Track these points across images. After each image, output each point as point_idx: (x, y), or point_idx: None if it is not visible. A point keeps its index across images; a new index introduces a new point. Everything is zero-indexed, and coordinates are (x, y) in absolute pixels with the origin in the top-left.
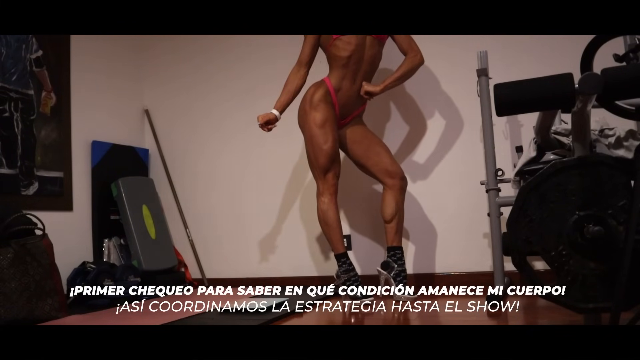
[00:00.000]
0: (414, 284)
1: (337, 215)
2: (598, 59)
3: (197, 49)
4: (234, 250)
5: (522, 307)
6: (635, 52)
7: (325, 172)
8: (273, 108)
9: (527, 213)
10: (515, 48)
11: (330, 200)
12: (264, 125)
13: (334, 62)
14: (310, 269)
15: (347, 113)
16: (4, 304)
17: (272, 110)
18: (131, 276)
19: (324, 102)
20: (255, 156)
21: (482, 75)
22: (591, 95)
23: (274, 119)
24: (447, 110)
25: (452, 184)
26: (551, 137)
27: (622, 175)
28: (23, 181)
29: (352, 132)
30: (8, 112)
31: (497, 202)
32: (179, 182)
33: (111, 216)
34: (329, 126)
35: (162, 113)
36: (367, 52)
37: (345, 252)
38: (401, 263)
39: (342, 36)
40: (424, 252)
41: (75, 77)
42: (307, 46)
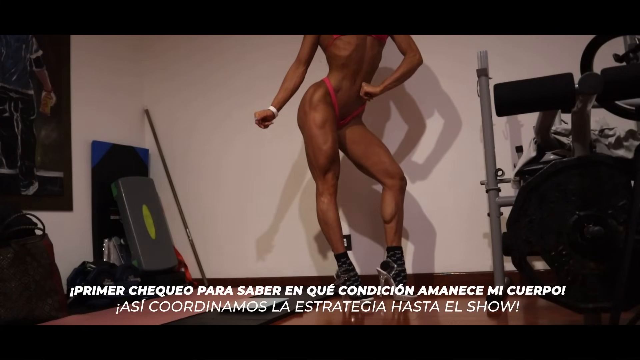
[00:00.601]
0: (414, 284)
1: (337, 215)
2: (598, 59)
3: (197, 49)
4: (234, 250)
5: (522, 307)
6: (635, 52)
7: (324, 172)
8: (270, 105)
9: (527, 213)
10: (515, 48)
11: (330, 200)
12: (260, 122)
13: (334, 62)
14: (310, 269)
15: (347, 113)
16: (4, 304)
17: (269, 107)
18: (131, 276)
19: (323, 102)
20: (256, 156)
21: (482, 75)
22: (591, 95)
23: (271, 115)
24: (447, 110)
25: (452, 184)
26: (551, 137)
27: (622, 175)
28: (23, 181)
29: (351, 133)
30: (8, 112)
31: (497, 202)
32: (179, 182)
33: (111, 216)
34: (329, 126)
35: (162, 113)
36: (367, 52)
37: (345, 252)
38: (401, 263)
39: (342, 36)
40: (424, 252)
41: (75, 77)
42: (307, 44)
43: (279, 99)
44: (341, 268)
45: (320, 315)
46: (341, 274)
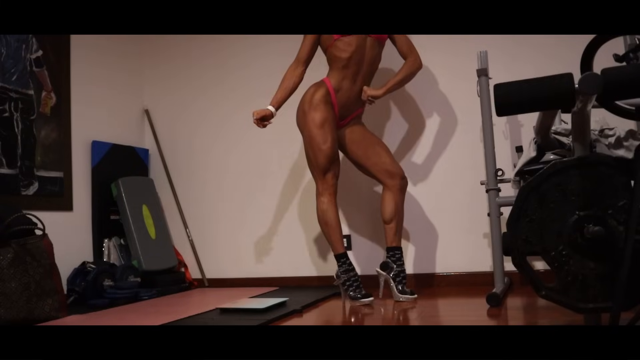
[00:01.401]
0: (414, 285)
1: (337, 216)
2: (598, 59)
3: (197, 49)
4: (234, 250)
5: (522, 307)
6: (635, 52)
7: (324, 172)
8: (269, 104)
9: (527, 213)
10: (516, 48)
11: (330, 200)
12: (259, 122)
13: (334, 63)
14: (310, 269)
15: (347, 114)
16: (4, 304)
17: (267, 107)
18: (131, 276)
19: (323, 102)
20: (256, 156)
21: (482, 75)
22: (591, 95)
23: (270, 115)
24: (447, 110)
25: (452, 184)
26: (551, 137)
27: (622, 175)
28: (23, 181)
29: (351, 133)
30: (8, 112)
31: (497, 202)
32: (179, 182)
33: (111, 216)
34: (328, 126)
35: (162, 113)
36: (367, 53)
37: (344, 253)
38: (400, 263)
39: (342, 37)
40: (424, 253)
41: (75, 77)
42: (306, 45)
43: (277, 99)
44: (341, 268)
45: (320, 315)
46: (341, 274)
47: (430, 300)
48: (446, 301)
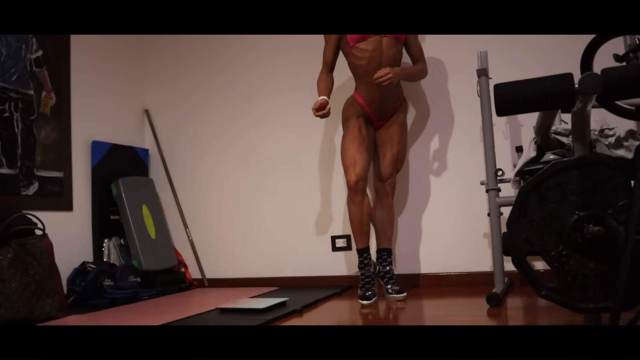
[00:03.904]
0: (413, 285)
1: (359, 213)
2: (598, 59)
3: (197, 49)
4: (234, 250)
5: (522, 307)
6: (635, 52)
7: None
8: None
9: (527, 213)
10: (516, 48)
11: (352, 199)
12: (319, 110)
13: (355, 72)
14: (310, 269)
15: (384, 114)
16: (4, 304)
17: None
18: (131, 276)
19: (355, 117)
20: (256, 155)
21: (482, 75)
22: (591, 95)
23: (326, 102)
24: (447, 110)
25: (452, 184)
26: (551, 137)
27: (622, 175)
28: (23, 181)
29: (385, 134)
30: (8, 112)
31: (497, 202)
32: (179, 182)
33: (111, 216)
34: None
35: (162, 113)
36: (385, 53)
37: (363, 249)
38: (385, 264)
39: (357, 44)
40: (424, 253)
41: (75, 77)
42: (328, 48)
43: (322, 90)
44: (360, 264)
45: (320, 315)
46: (359, 269)
47: (430, 300)
48: (446, 301)
